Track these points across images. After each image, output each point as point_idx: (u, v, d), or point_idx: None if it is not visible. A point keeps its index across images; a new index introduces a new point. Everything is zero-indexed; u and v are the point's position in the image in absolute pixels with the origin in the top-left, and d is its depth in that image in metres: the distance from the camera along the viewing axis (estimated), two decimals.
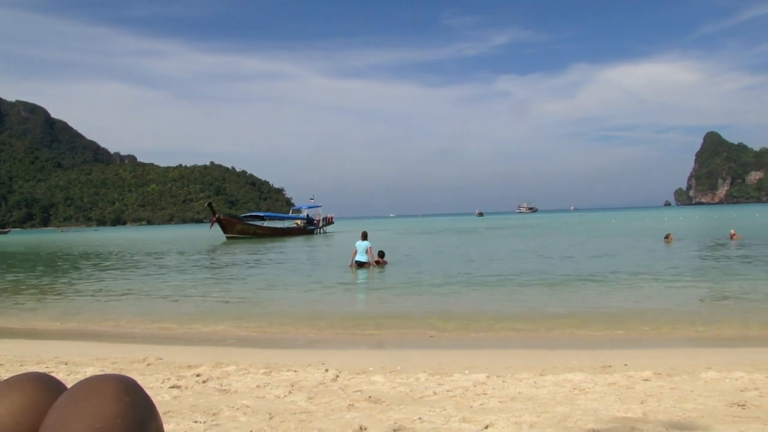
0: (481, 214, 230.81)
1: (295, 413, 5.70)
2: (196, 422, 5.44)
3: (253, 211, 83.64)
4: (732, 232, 36.31)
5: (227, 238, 59.08)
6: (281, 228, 67.43)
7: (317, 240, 57.87)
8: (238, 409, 5.86)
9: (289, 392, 6.63)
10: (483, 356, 9.14)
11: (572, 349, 9.74)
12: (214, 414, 5.68)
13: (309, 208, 77.67)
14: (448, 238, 54.68)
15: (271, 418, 5.54)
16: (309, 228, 70.28)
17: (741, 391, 6.39)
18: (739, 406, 5.79)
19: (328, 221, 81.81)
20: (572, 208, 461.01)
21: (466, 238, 54.81)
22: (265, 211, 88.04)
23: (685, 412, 5.50)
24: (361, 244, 24.11)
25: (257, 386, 6.97)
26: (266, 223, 67.16)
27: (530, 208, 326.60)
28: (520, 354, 9.37)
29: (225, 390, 6.81)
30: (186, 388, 6.92)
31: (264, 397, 6.45)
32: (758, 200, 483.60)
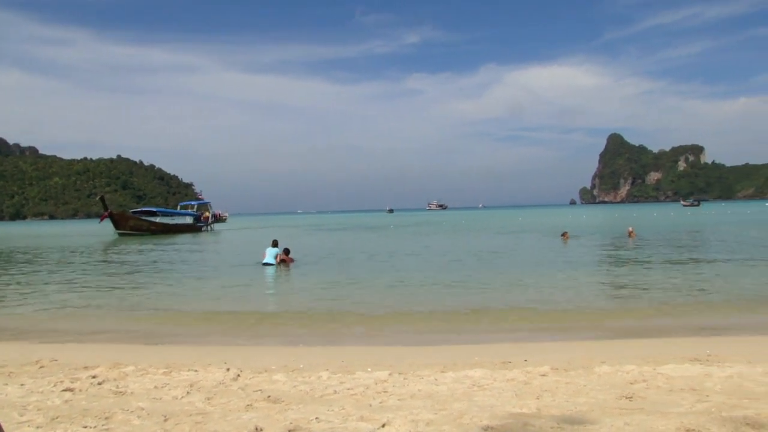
0: (391, 211, 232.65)
1: (191, 415, 5.57)
2: (86, 427, 5.23)
3: (151, 207, 78.97)
4: (629, 229, 37.90)
5: (119, 234, 55.93)
6: (175, 224, 64.92)
7: (209, 237, 55.50)
8: (132, 412, 5.67)
9: (188, 393, 6.48)
10: (387, 354, 9.17)
11: (474, 345, 9.89)
12: (106, 418, 5.47)
13: (198, 203, 75.53)
14: (356, 236, 54.60)
15: (165, 420, 5.39)
16: (198, 225, 68.32)
17: (630, 383, 6.65)
18: (627, 398, 6.03)
19: (218, 218, 79.46)
20: (481, 205, 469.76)
21: (373, 235, 54.90)
22: (163, 207, 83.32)
23: (577, 407, 5.68)
24: (270, 251, 23.78)
25: (155, 387, 6.78)
26: (159, 219, 64.43)
27: (440, 206, 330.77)
28: (423, 351, 9.43)
29: (121, 392, 6.58)
30: (80, 391, 6.65)
31: (161, 399, 6.28)
32: (656, 200, 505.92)
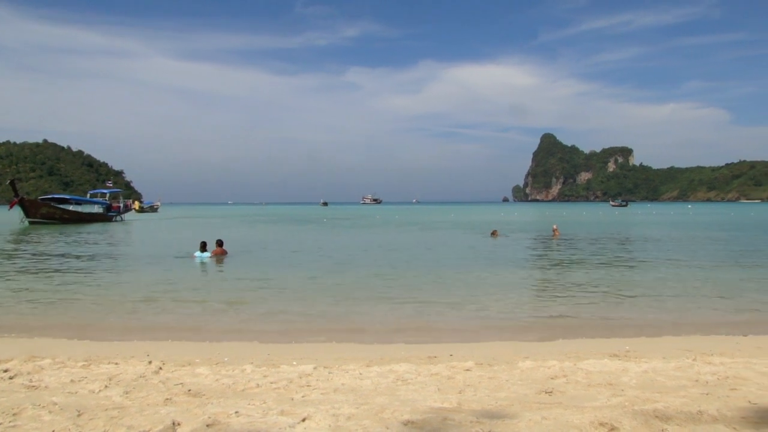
0: (325, 204, 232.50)
1: (107, 409, 5.41)
2: None
3: (58, 194, 74.88)
4: (554, 227, 38.84)
5: (29, 222, 53.07)
6: (88, 213, 62.73)
7: (122, 227, 53.25)
8: (44, 407, 5.47)
9: (106, 387, 6.30)
10: (314, 348, 9.12)
11: (402, 341, 9.93)
12: (14, 414, 5.25)
13: (109, 192, 73.26)
14: (289, 229, 54.14)
15: (79, 415, 5.22)
16: (109, 215, 66.24)
17: (551, 378, 6.80)
18: (547, 393, 6.16)
19: (128, 208, 77.01)
20: (415, 200, 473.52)
21: (306, 228, 54.58)
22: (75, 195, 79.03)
23: (498, 401, 5.77)
24: (201, 256, 23.27)
25: (71, 381, 6.58)
26: (72, 207, 61.57)
27: (374, 200, 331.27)
28: (351, 346, 9.43)
29: (34, 386, 6.35)
30: None
31: (76, 393, 6.08)
32: (586, 199, 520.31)
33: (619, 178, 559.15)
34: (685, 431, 4.81)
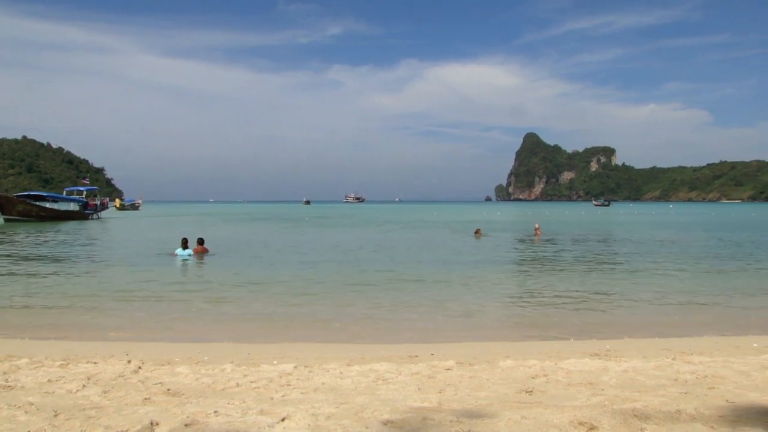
0: (308, 203, 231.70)
1: (84, 409, 5.35)
2: None
3: (35, 191, 72.62)
4: (536, 226, 39.04)
5: (5, 220, 52.18)
6: (65, 211, 60.90)
7: (102, 225, 53.14)
8: (19, 407, 5.39)
9: (83, 386, 6.23)
10: (295, 348, 9.08)
11: (383, 341, 9.93)
12: None
13: (86, 190, 72.29)
14: (271, 227, 53.90)
15: (55, 415, 5.16)
16: (86, 212, 65.34)
17: (532, 378, 6.82)
18: (527, 392, 6.17)
19: (105, 206, 75.86)
20: (398, 199, 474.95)
21: (288, 227, 54.30)
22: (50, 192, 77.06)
23: (478, 400, 5.77)
24: (182, 254, 23.11)
25: (48, 381, 6.50)
26: (49, 204, 60.25)
27: (357, 198, 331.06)
28: (332, 346, 9.40)
29: (10, 386, 6.26)
30: None
31: (54, 393, 6.01)
32: (569, 198, 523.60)
33: (602, 178, 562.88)
34: (663, 430, 4.83)
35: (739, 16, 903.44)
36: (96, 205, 67.96)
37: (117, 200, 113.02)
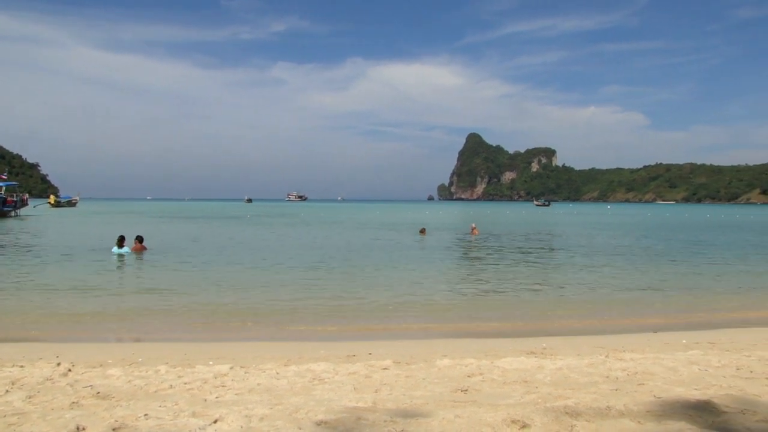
0: (249, 201, 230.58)
1: (5, 416, 5.13)
2: None
3: None
4: (472, 226, 39.56)
5: None
6: None
7: (21, 224, 50.81)
8: None
9: (7, 391, 5.99)
10: (233, 347, 8.97)
11: (322, 339, 9.91)
12: None
13: (5, 186, 69.80)
14: (210, 225, 53.13)
15: None
16: (4, 209, 62.76)
17: (468, 377, 6.86)
18: (462, 391, 6.20)
19: (24, 202, 72.93)
20: (340, 198, 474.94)
21: (229, 225, 53.68)
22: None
23: (413, 400, 5.78)
24: (118, 252, 22.58)
25: None
26: None
27: (300, 197, 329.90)
28: (271, 344, 9.32)
29: None
30: None
31: None
32: (510, 198, 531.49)
33: (543, 179, 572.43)
34: (593, 426, 4.92)
35: (674, 23, 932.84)
36: (14, 201, 65.07)
37: (51, 197, 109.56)
